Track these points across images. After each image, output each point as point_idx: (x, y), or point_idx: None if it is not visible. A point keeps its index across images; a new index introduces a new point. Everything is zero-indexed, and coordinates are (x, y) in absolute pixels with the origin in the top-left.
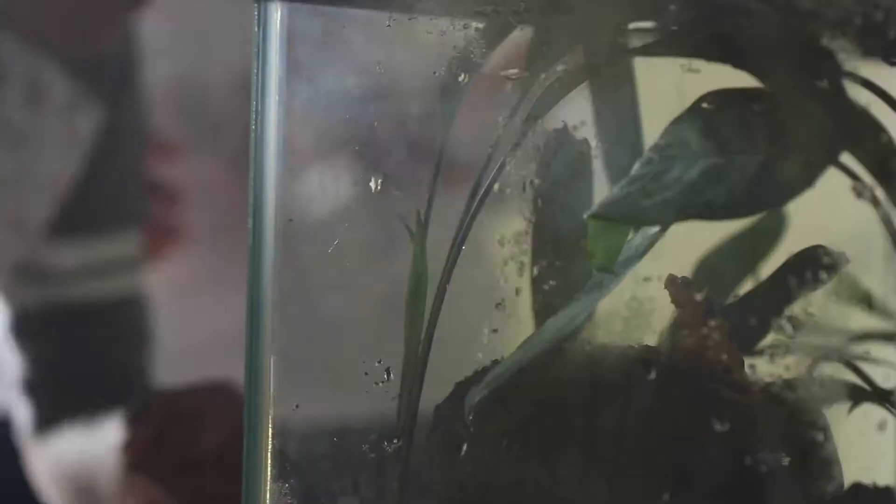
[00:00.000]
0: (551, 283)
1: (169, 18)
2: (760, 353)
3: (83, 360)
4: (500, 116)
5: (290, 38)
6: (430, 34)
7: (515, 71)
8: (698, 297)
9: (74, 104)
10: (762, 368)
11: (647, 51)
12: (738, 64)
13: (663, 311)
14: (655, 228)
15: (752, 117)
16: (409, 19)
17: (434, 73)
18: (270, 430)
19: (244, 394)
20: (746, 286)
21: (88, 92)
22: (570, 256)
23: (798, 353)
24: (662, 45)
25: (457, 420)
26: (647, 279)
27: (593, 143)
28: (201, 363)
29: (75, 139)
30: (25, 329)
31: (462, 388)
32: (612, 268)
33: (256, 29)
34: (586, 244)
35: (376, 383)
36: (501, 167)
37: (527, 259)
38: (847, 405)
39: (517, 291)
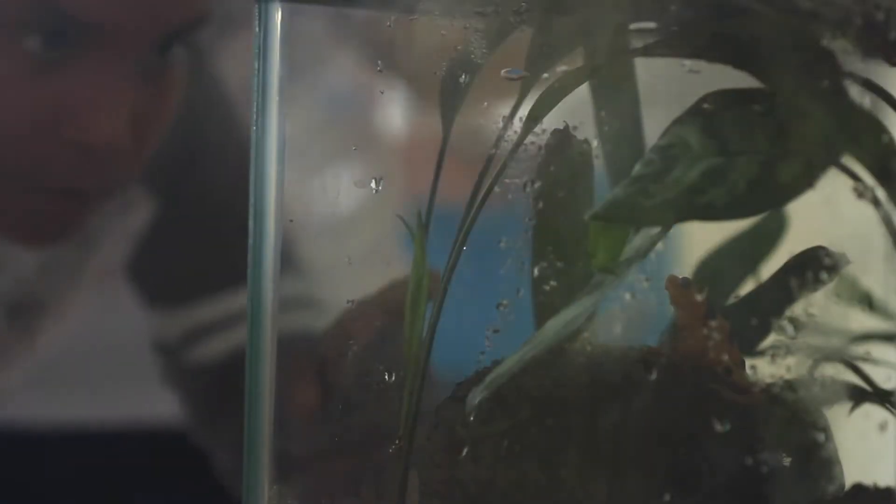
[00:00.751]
0: (552, 283)
1: None
2: (761, 353)
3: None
4: (500, 116)
5: (291, 38)
6: (431, 34)
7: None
8: (699, 297)
9: (128, 201)
10: (763, 369)
11: (648, 51)
12: (738, 64)
13: (664, 311)
14: (657, 229)
15: (753, 118)
16: (410, 19)
17: (434, 73)
18: (271, 430)
19: (245, 393)
20: (747, 287)
21: (142, 189)
22: (571, 257)
23: (799, 354)
24: (663, 46)
25: (458, 421)
26: (647, 280)
27: (594, 143)
28: None
29: (128, 233)
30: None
31: (463, 388)
32: (614, 268)
33: (257, 29)
34: (587, 245)
35: (377, 384)
36: (502, 168)
37: (527, 259)
38: (848, 406)
39: (518, 292)
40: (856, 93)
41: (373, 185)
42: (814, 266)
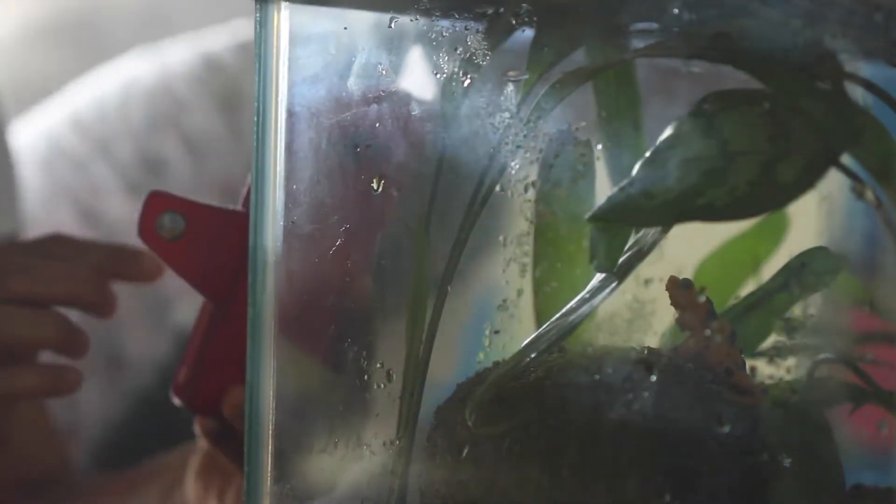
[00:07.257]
0: (553, 284)
1: None
2: (762, 354)
3: None
4: (501, 117)
5: (291, 38)
6: (432, 35)
7: (517, 72)
8: (700, 298)
9: None
10: (764, 370)
11: (648, 52)
12: (739, 65)
13: (665, 312)
14: (657, 230)
15: (754, 118)
16: (411, 20)
17: (436, 74)
18: (271, 430)
19: (245, 394)
20: (748, 288)
21: None
22: (571, 258)
23: (799, 355)
24: (664, 47)
25: (458, 421)
26: (648, 281)
27: (595, 144)
28: None
29: None
30: None
31: (464, 389)
32: (614, 269)
33: (257, 29)
34: (588, 245)
35: (378, 385)
36: (503, 168)
37: (528, 260)
38: (848, 406)
39: (519, 292)
40: (856, 93)
41: (373, 185)
42: (814, 266)
